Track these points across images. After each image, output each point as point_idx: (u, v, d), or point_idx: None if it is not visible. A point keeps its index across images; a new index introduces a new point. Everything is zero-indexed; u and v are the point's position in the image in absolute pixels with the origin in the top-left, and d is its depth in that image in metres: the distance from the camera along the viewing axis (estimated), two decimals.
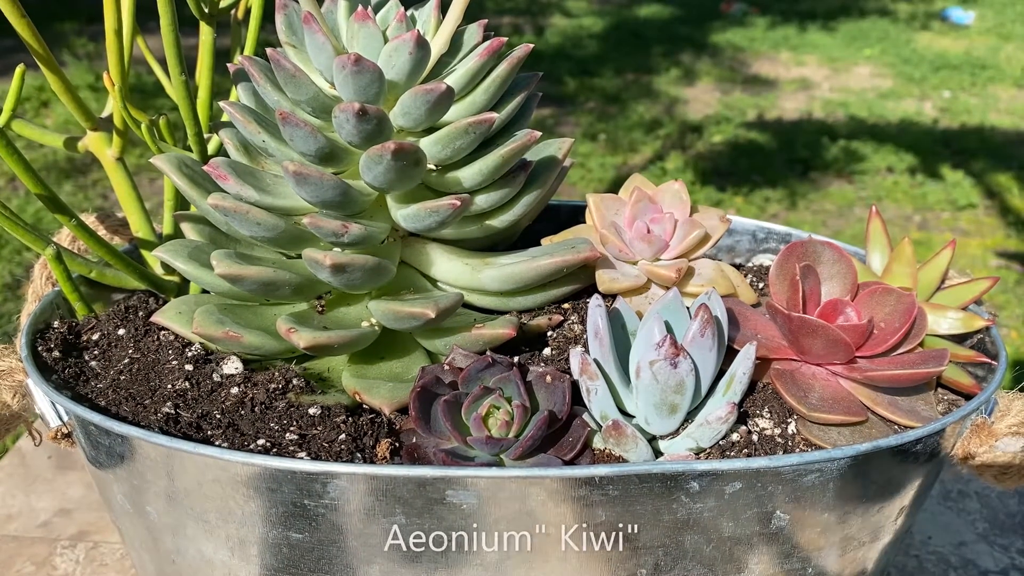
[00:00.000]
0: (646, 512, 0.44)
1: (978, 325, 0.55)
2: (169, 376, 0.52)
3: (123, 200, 0.62)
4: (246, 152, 0.55)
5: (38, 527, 0.77)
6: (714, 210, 0.61)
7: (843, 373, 0.51)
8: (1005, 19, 4.97)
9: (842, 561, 0.49)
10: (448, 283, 0.56)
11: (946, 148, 3.02)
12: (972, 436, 0.51)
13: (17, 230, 0.52)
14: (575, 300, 0.58)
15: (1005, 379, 0.53)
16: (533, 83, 0.55)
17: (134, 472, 0.47)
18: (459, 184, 0.53)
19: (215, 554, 0.48)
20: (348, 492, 0.43)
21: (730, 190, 2.63)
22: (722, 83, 3.77)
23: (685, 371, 0.46)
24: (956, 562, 0.73)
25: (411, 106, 0.49)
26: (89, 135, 0.61)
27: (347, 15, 0.52)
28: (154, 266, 0.62)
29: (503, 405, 0.46)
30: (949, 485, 0.82)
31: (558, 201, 0.69)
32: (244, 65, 0.51)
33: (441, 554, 0.45)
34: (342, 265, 0.49)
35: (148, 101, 2.93)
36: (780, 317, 0.51)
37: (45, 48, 0.55)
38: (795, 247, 0.54)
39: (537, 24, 4.65)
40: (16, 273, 2.00)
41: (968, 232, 2.44)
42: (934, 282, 0.58)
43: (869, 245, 0.61)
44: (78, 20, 4.00)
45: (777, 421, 0.49)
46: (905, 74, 3.91)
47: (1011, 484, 0.55)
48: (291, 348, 0.51)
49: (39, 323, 0.56)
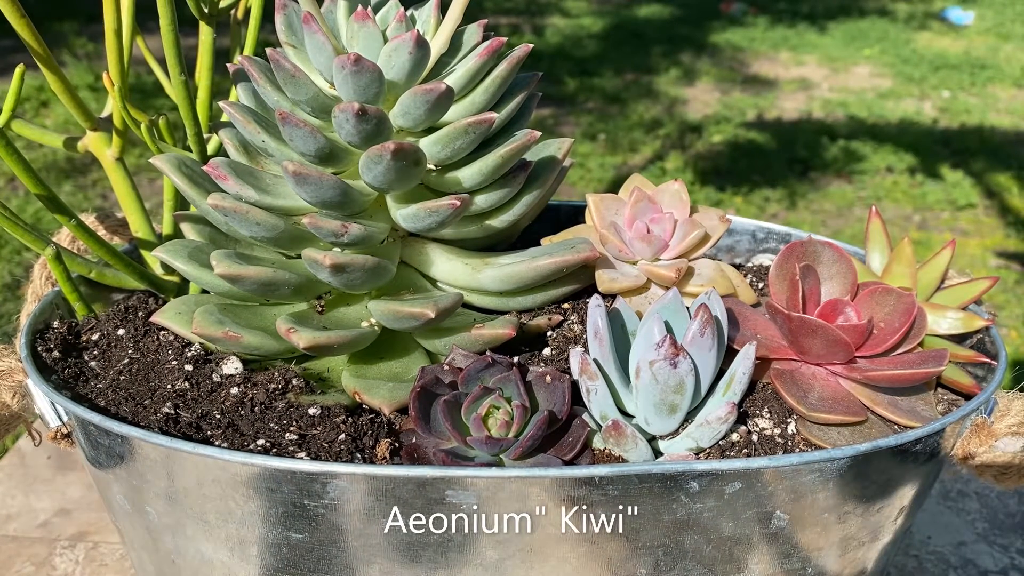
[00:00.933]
0: (646, 512, 0.44)
1: (978, 325, 0.55)
2: (169, 376, 0.52)
3: (123, 200, 0.62)
4: (246, 152, 0.55)
5: (38, 527, 0.77)
6: (714, 210, 0.61)
7: (843, 373, 0.51)
8: (1004, 19, 4.97)
9: (842, 561, 0.49)
10: (448, 283, 0.56)
11: (945, 148, 3.02)
12: (972, 436, 0.51)
13: (17, 230, 0.52)
14: (575, 300, 0.58)
15: (1005, 379, 0.53)
16: (533, 83, 0.55)
17: (134, 472, 0.47)
18: (459, 184, 0.53)
19: (215, 554, 0.48)
20: (348, 492, 0.43)
21: (730, 190, 2.63)
22: (722, 83, 3.77)
23: (685, 371, 0.46)
24: (956, 562, 0.73)
25: (411, 106, 0.49)
26: (89, 135, 0.61)
27: (347, 15, 0.52)
28: (154, 266, 0.62)
29: (503, 405, 0.46)
30: (949, 485, 0.82)
31: (558, 201, 0.69)
32: (244, 65, 0.51)
33: (441, 554, 0.45)
34: (342, 265, 0.49)
35: (148, 101, 2.94)
36: (780, 317, 0.51)
37: (45, 48, 0.55)
38: (795, 247, 0.54)
39: (536, 24, 4.65)
40: (16, 273, 2.00)
41: (968, 232, 2.44)
42: (934, 282, 0.58)
43: (869, 245, 0.61)
44: (78, 20, 4.00)
45: (777, 421, 0.49)
46: (904, 74, 3.91)
47: (1011, 484, 0.55)
48: (291, 348, 0.51)
49: (39, 323, 0.56)
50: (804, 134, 3.13)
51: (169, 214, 0.63)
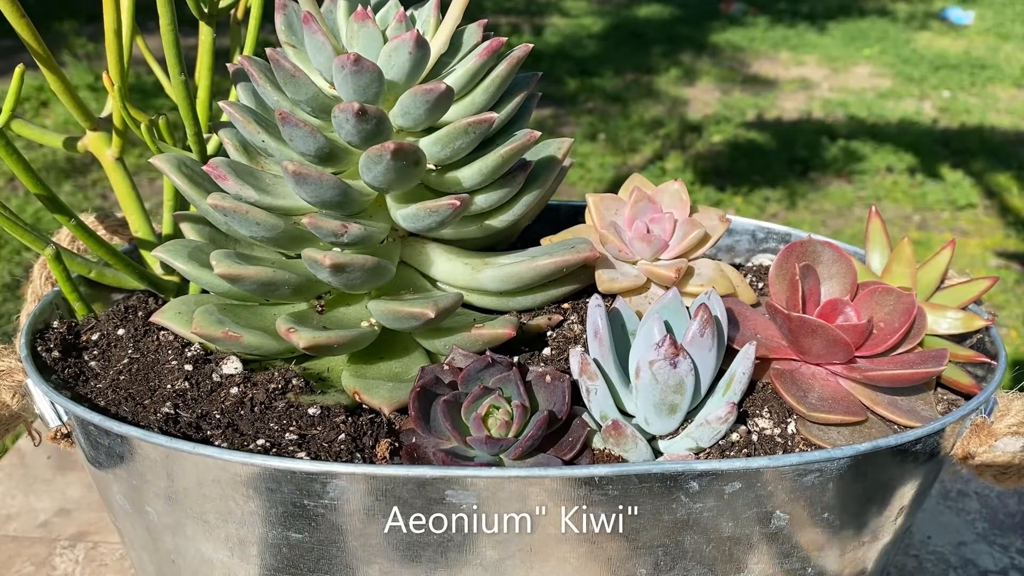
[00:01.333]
0: (645, 512, 0.44)
1: (977, 325, 0.55)
2: (169, 376, 0.52)
3: (122, 200, 0.62)
4: (245, 152, 0.55)
5: (38, 527, 0.77)
6: (713, 210, 0.61)
7: (843, 373, 0.51)
8: (1004, 19, 4.97)
9: (842, 561, 0.49)
10: (448, 283, 0.56)
11: (945, 148, 3.02)
12: (972, 436, 0.51)
13: (16, 230, 0.52)
14: (575, 300, 0.58)
15: (1004, 379, 0.53)
16: (533, 83, 0.55)
17: (133, 472, 0.47)
18: (459, 184, 0.53)
19: (214, 554, 0.48)
20: (348, 492, 0.43)
21: (730, 190, 2.63)
22: (722, 83, 3.77)
23: (685, 371, 0.46)
24: (956, 562, 0.73)
25: (411, 106, 0.49)
26: (88, 135, 0.61)
27: (347, 15, 0.52)
28: (153, 266, 0.62)
29: (503, 405, 0.46)
30: (949, 485, 0.82)
31: (558, 201, 0.69)
32: (243, 65, 0.51)
33: (441, 554, 0.45)
34: (341, 265, 0.49)
35: (148, 101, 2.94)
36: (780, 317, 0.51)
37: (45, 48, 0.55)
38: (795, 247, 0.54)
39: (536, 24, 4.65)
40: (16, 273, 2.00)
41: (968, 232, 2.44)
42: (934, 282, 0.58)
43: (869, 245, 0.61)
44: (78, 20, 4.00)
45: (777, 421, 0.49)
46: (904, 74, 3.91)
47: (1010, 484, 0.55)
48: (291, 348, 0.51)
49: (39, 323, 0.56)
50: (804, 134, 3.13)
51: (169, 214, 0.63)
